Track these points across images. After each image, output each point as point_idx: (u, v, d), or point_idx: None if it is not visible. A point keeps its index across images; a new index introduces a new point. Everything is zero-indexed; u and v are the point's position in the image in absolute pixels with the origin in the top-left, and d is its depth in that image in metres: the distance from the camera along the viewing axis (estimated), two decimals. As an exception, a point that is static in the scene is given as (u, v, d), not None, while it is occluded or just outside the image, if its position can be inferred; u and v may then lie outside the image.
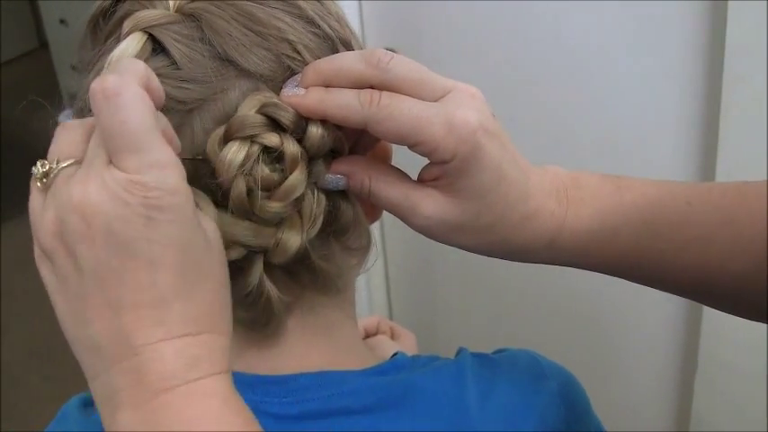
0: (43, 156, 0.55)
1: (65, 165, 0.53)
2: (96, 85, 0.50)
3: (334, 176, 0.62)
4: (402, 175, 0.64)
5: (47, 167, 0.54)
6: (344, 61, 0.61)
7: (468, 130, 0.59)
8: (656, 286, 0.70)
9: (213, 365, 0.52)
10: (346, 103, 0.59)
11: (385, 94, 0.59)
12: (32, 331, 3.10)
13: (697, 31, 1.30)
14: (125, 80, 0.50)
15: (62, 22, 3.02)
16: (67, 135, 0.55)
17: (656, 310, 1.62)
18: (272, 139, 0.59)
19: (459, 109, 0.60)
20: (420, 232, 0.64)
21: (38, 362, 2.97)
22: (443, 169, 0.61)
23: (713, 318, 1.46)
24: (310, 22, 0.64)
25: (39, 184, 0.55)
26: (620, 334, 1.74)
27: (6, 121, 4.31)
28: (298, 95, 0.59)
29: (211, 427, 0.51)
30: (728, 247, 0.65)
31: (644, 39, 1.37)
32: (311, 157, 0.61)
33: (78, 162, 0.53)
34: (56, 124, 0.57)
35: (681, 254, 0.66)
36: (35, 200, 0.55)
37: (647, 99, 1.42)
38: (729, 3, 1.19)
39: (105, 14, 0.65)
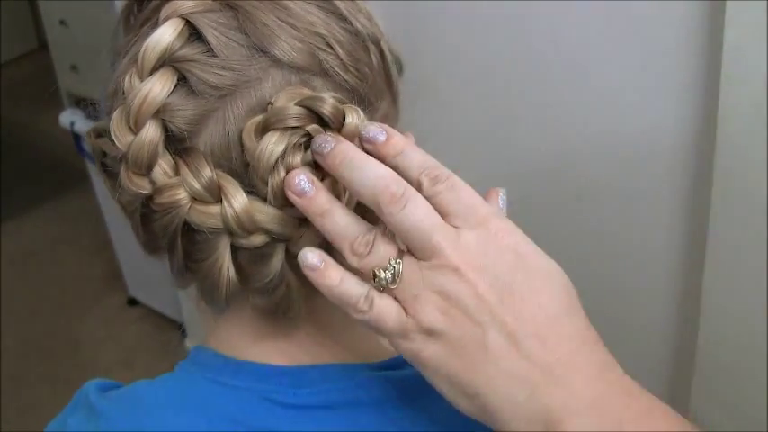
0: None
1: (399, 259, 0.57)
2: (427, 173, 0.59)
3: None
4: None
5: (385, 272, 0.57)
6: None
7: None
8: None
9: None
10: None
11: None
12: (30, 331, 3.11)
13: (695, 31, 1.32)
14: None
15: (62, 22, 3.01)
16: (380, 244, 0.58)
17: (650, 309, 1.64)
18: (313, 129, 0.60)
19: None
20: None
21: (36, 362, 2.98)
22: None
23: (711, 319, 1.46)
24: (342, 18, 0.65)
25: (385, 287, 0.58)
26: (615, 334, 1.75)
27: (6, 122, 4.33)
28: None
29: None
30: None
31: (641, 38, 1.38)
32: None
33: (401, 252, 0.58)
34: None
35: None
36: (387, 307, 0.58)
37: (644, 100, 1.43)
38: (728, 3, 1.20)
39: (141, 2, 0.66)
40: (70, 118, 2.60)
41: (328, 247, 0.60)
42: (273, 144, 0.58)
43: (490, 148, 1.75)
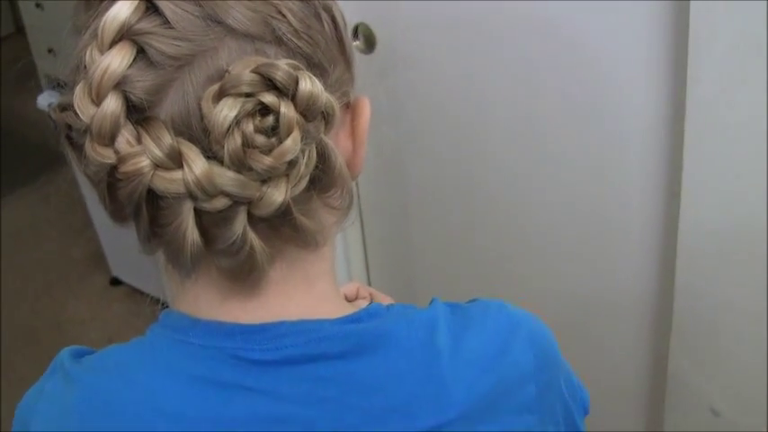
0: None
1: None
2: None
3: None
4: None
5: None
6: None
7: None
8: None
9: None
10: None
11: None
12: (14, 313, 3.12)
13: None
14: None
15: (38, 6, 3.02)
16: None
17: (633, 294, 1.67)
18: (267, 97, 0.62)
19: None
20: None
21: (21, 343, 3.00)
22: None
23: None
24: None
25: None
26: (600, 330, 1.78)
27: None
28: None
29: None
30: None
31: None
32: (305, 119, 0.65)
33: None
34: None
35: None
36: None
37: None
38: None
39: None
40: (48, 100, 2.60)
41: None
42: (227, 109, 0.61)
43: (465, 108, 1.76)
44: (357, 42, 1.82)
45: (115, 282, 3.20)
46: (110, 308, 3.12)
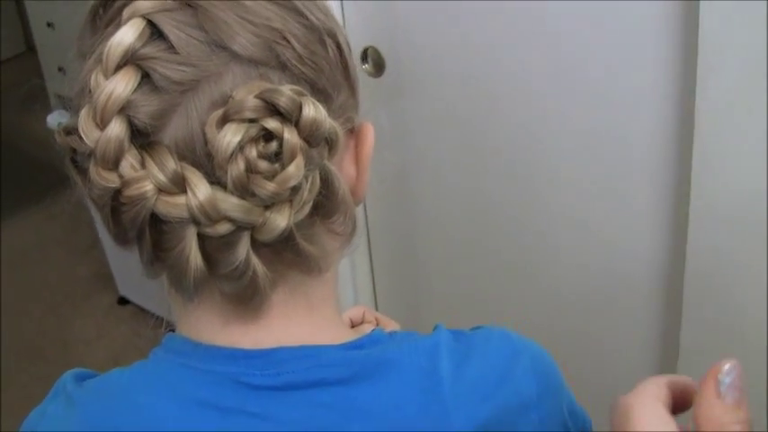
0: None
1: None
2: None
3: None
4: None
5: None
6: None
7: None
8: None
9: None
10: None
11: None
12: (21, 331, 3.12)
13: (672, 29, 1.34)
14: None
15: (49, 25, 3.04)
16: None
17: (639, 290, 1.66)
18: (271, 123, 0.62)
19: None
20: None
21: (27, 362, 2.99)
22: None
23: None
24: (298, 13, 0.68)
25: None
26: (605, 336, 1.77)
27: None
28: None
29: None
30: None
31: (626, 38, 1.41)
32: (309, 145, 0.65)
33: None
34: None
35: None
36: None
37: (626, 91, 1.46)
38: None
39: (105, 4, 0.69)
40: (58, 119, 2.61)
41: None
42: (231, 134, 0.61)
43: (474, 139, 1.77)
44: (366, 66, 1.83)
45: (122, 301, 3.20)
46: (116, 327, 3.12)
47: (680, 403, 0.68)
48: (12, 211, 3.75)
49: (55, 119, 2.61)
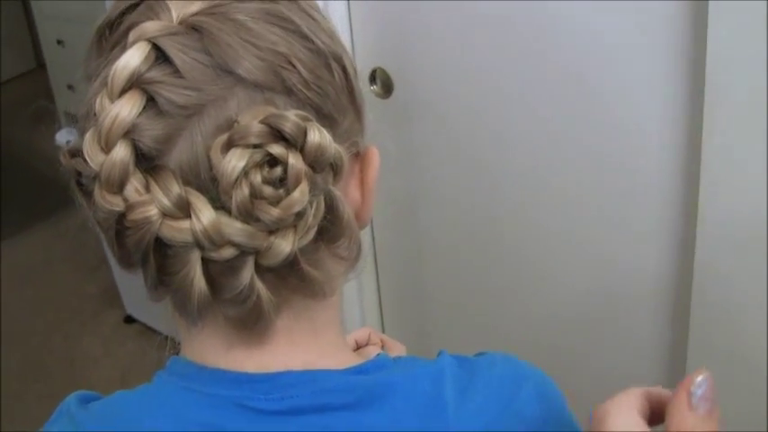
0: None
1: None
2: None
3: None
4: None
5: None
6: None
7: None
8: None
9: None
10: None
11: None
12: (27, 349, 3.12)
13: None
14: None
15: (59, 42, 3.05)
16: None
17: (645, 315, 1.65)
18: (275, 148, 0.62)
19: None
20: None
21: (33, 380, 2.99)
22: None
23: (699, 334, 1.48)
24: (304, 37, 0.68)
25: None
26: (609, 346, 1.77)
27: (5, 141, 4.35)
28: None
29: None
30: None
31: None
32: (313, 170, 0.65)
33: None
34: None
35: None
36: None
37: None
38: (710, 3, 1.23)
39: (111, 26, 0.69)
40: (66, 137, 2.61)
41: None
42: (236, 159, 0.61)
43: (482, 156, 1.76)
44: (374, 87, 1.83)
45: (129, 319, 3.20)
46: (123, 345, 3.12)
47: (657, 414, 0.68)
48: (20, 227, 3.77)
49: (63, 136, 2.61)
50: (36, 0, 3.17)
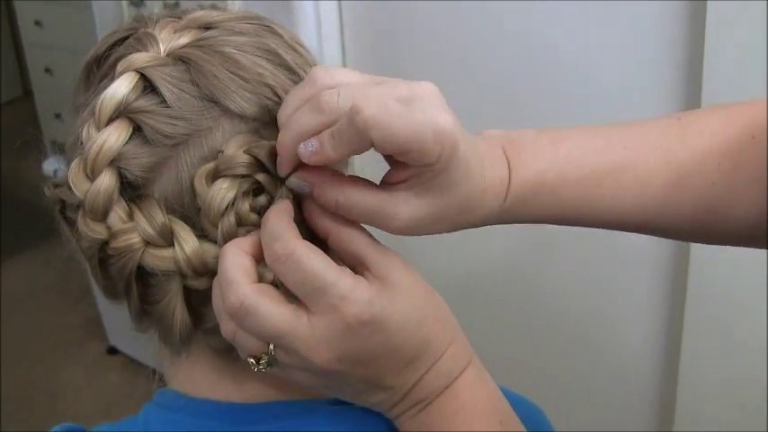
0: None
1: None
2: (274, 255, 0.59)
3: (299, 181, 0.63)
4: (368, 182, 0.65)
5: (266, 356, 0.61)
6: (297, 124, 0.61)
7: (450, 133, 0.59)
8: (600, 227, 0.73)
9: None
10: (347, 139, 0.59)
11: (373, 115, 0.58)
12: (9, 379, 3.09)
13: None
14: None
15: (47, 71, 3.05)
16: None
17: (641, 318, 1.65)
18: (262, 177, 0.62)
19: (438, 113, 0.59)
20: (399, 234, 0.64)
21: (14, 411, 2.96)
22: (419, 170, 0.61)
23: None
24: (290, 70, 0.68)
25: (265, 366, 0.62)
26: (608, 351, 1.76)
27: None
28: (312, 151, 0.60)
29: None
30: (670, 187, 0.69)
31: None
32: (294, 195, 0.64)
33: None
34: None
35: (620, 198, 0.69)
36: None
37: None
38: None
39: (99, 60, 0.69)
40: (54, 166, 2.59)
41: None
42: (225, 190, 0.61)
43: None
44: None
45: (112, 351, 3.18)
46: (105, 377, 3.09)
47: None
48: (5, 256, 3.75)
49: (50, 165, 2.60)
50: (25, 28, 3.17)
